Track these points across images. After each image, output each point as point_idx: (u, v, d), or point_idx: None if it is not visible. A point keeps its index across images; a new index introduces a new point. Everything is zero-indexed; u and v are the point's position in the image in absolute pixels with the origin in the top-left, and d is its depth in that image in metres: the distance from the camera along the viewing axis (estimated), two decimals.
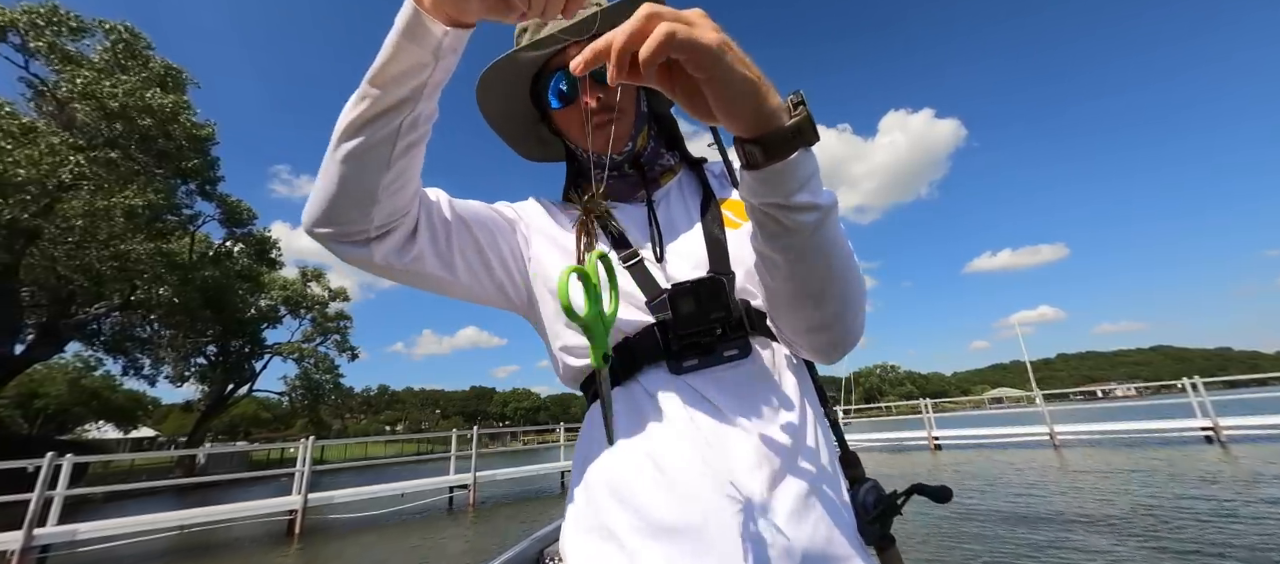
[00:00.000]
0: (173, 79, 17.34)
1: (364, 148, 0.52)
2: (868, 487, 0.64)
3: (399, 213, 0.59)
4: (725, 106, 0.42)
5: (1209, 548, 4.55)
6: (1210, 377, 12.96)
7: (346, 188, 0.54)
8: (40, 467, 7.02)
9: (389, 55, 0.49)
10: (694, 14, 0.40)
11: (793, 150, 0.44)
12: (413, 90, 0.51)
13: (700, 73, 0.40)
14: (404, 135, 0.53)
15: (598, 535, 0.59)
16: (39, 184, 13.65)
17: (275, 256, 25.42)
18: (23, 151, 13.30)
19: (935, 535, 5.64)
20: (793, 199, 0.47)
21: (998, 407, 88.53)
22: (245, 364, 29.20)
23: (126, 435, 47.52)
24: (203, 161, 18.62)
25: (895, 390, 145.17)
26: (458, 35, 0.51)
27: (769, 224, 0.50)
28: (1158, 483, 7.61)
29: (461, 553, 7.24)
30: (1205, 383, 12.58)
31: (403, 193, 0.57)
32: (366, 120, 0.51)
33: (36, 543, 6.75)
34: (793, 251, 0.50)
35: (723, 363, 0.61)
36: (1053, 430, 14.26)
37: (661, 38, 0.37)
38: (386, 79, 0.50)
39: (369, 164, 0.53)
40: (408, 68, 0.50)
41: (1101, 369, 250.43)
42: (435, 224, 0.65)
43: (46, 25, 15.30)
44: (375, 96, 0.51)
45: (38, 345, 18.12)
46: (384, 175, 0.54)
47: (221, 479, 14.08)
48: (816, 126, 0.45)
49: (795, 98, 0.45)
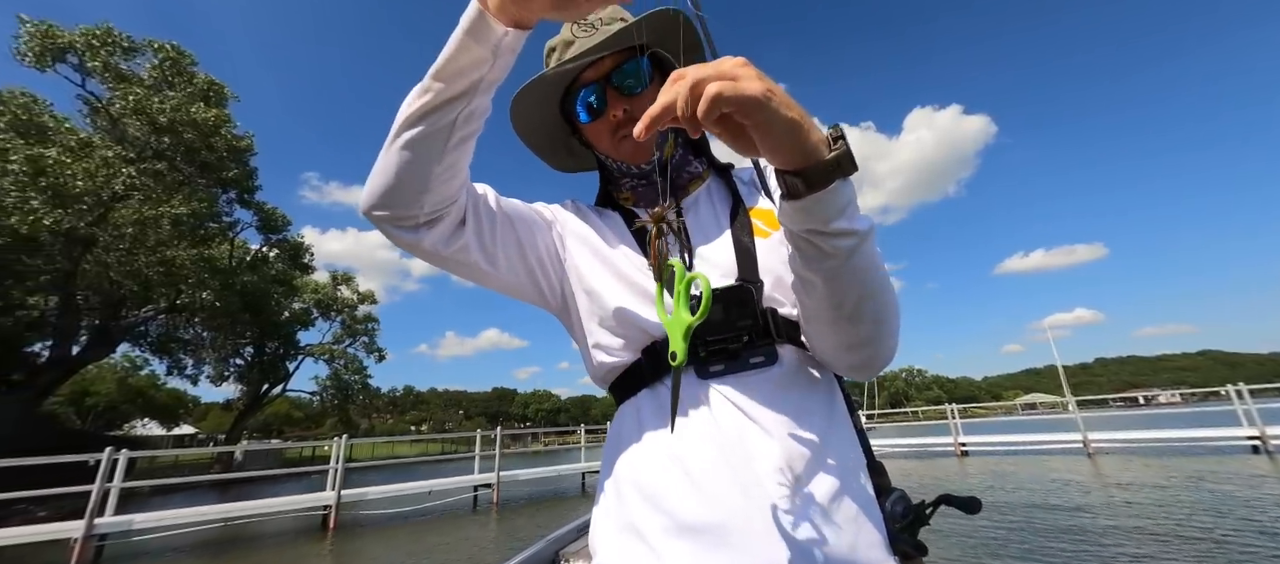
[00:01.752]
0: (215, 94, 18.28)
1: (422, 137, 0.56)
2: (895, 496, 0.64)
3: (447, 202, 0.62)
4: (770, 146, 0.45)
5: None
6: (1263, 383, 12.36)
7: (402, 175, 0.58)
8: (99, 460, 7.52)
9: (452, 51, 0.54)
10: (738, 67, 0.43)
11: (831, 181, 0.47)
12: (471, 85, 0.55)
13: (747, 120, 0.43)
14: (459, 128, 0.57)
15: (627, 533, 0.60)
16: (94, 195, 14.56)
17: (308, 261, 26.40)
18: (80, 164, 14.21)
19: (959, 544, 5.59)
20: (831, 226, 0.49)
21: (1031, 412, 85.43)
22: (279, 365, 30.36)
23: (169, 432, 49.86)
24: (242, 171, 19.54)
25: (922, 395, 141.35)
26: (517, 36, 0.55)
27: (808, 249, 0.51)
28: (1194, 493, 7.34)
29: (487, 551, 7.46)
30: (1252, 390, 12.01)
31: (452, 183, 0.61)
32: (427, 112, 0.55)
33: (96, 531, 7.24)
34: (830, 274, 0.52)
35: (749, 369, 0.62)
36: (1087, 437, 13.79)
37: (712, 98, 0.41)
38: (448, 73, 0.54)
39: (424, 153, 0.57)
40: (468, 64, 0.54)
41: (1143, 374, 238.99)
42: (481, 217, 0.68)
43: (102, 46, 16.33)
44: (437, 90, 0.55)
45: (92, 346, 19.26)
46: (437, 165, 0.58)
47: (258, 475, 14.71)
48: (854, 158, 0.47)
49: (835, 132, 0.47)
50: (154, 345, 23.21)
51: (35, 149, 13.75)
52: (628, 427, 0.68)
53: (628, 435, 0.67)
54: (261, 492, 14.20)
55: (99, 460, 7.59)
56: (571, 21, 0.55)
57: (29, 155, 13.31)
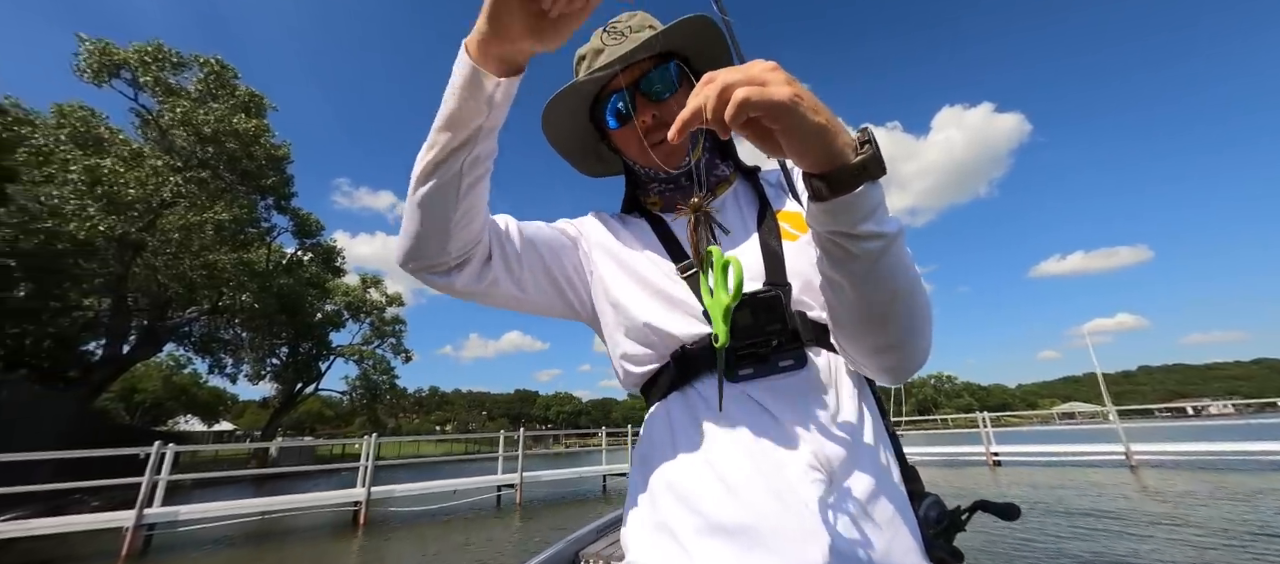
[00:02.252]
0: (255, 105, 19.17)
1: (434, 190, 0.60)
2: (930, 501, 0.64)
3: (471, 243, 0.66)
4: (797, 150, 0.46)
5: None
6: None
7: (424, 227, 0.62)
8: (148, 454, 7.95)
9: (448, 106, 0.57)
10: (766, 72, 0.44)
11: (858, 185, 0.46)
12: (471, 135, 0.58)
13: (775, 125, 0.44)
14: (467, 174, 0.60)
15: (660, 533, 0.61)
16: (145, 202, 15.41)
17: (340, 265, 27.31)
18: (132, 173, 15.07)
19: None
20: (858, 228, 0.48)
21: (1069, 422, 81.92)
22: (313, 365, 31.43)
23: (210, 428, 52.16)
24: (279, 178, 20.41)
25: (952, 402, 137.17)
26: (509, 84, 0.57)
27: (835, 251, 0.51)
28: (1252, 512, 6.94)
29: (511, 549, 7.58)
30: None
31: (472, 226, 0.65)
32: (435, 165, 0.59)
33: (145, 521, 7.64)
34: (857, 276, 0.52)
35: (778, 373, 0.63)
36: (1129, 449, 13.16)
37: (739, 103, 0.41)
38: (449, 126, 0.58)
39: (440, 204, 0.61)
40: (465, 115, 0.57)
41: (1192, 383, 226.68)
42: (506, 251, 0.72)
43: (153, 62, 17.32)
44: (441, 143, 0.58)
45: (141, 346, 20.34)
46: (454, 212, 0.61)
47: (292, 471, 15.31)
48: (883, 161, 0.47)
49: (862, 135, 0.47)
50: (197, 345, 24.38)
51: (92, 159, 14.64)
52: (659, 429, 0.69)
53: (659, 438, 0.68)
54: (295, 487, 14.73)
55: (148, 454, 8.01)
56: (552, 44, 0.54)
57: (86, 165, 14.18)
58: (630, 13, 0.78)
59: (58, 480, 8.07)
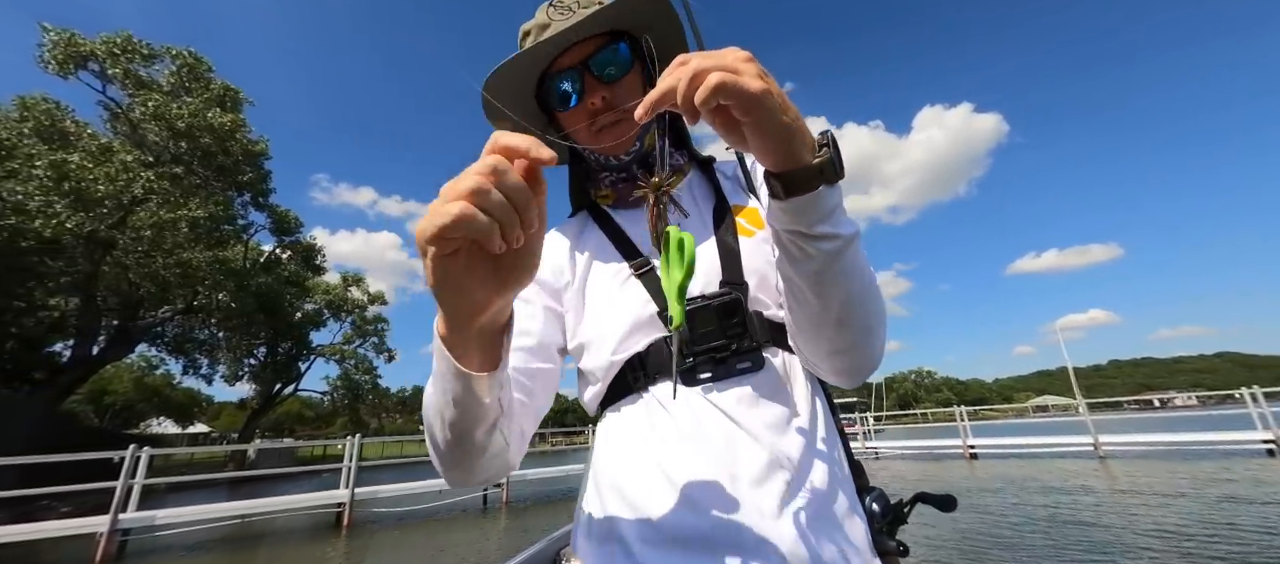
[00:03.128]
0: (231, 99, 18.67)
1: (452, 457, 0.54)
2: (874, 495, 0.65)
3: (509, 468, 0.61)
4: (760, 145, 0.45)
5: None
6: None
7: (458, 479, 0.58)
8: (123, 458, 7.76)
9: (436, 395, 0.50)
10: (741, 62, 0.42)
11: (814, 188, 0.46)
12: (468, 419, 0.50)
13: (745, 118, 0.43)
14: (482, 437, 0.54)
15: (609, 543, 0.60)
16: (115, 199, 14.92)
17: (320, 262, 26.80)
18: (102, 169, 14.58)
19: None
20: (814, 228, 0.48)
21: (1042, 415, 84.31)
22: (292, 365, 30.81)
23: (184, 430, 50.75)
24: (257, 174, 19.92)
25: (931, 397, 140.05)
26: (492, 379, 0.48)
27: (792, 249, 0.51)
28: (1205, 499, 7.30)
29: (497, 548, 7.60)
30: (1267, 392, 11.86)
31: (504, 455, 0.58)
32: (444, 442, 0.53)
33: (120, 526, 7.46)
34: (813, 277, 0.52)
35: (735, 375, 0.62)
36: (1097, 440, 13.68)
37: (713, 88, 0.40)
38: (439, 411, 0.51)
39: (466, 466, 0.55)
40: (457, 406, 0.49)
41: (1159, 376, 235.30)
42: (523, 410, 0.65)
43: (122, 53, 16.74)
44: (440, 423, 0.52)
45: (112, 346, 19.71)
46: (480, 460, 0.55)
47: (272, 473, 15.00)
48: (841, 166, 0.47)
49: (822, 138, 0.47)
50: (170, 345, 23.71)
51: (58, 154, 14.12)
52: (612, 433, 0.67)
53: (612, 442, 0.66)
54: (275, 489, 14.46)
55: (122, 457, 7.83)
56: (522, 288, 0.45)
57: (52, 160, 13.67)
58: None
59: (24, 486, 7.80)
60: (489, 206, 0.34)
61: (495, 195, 0.34)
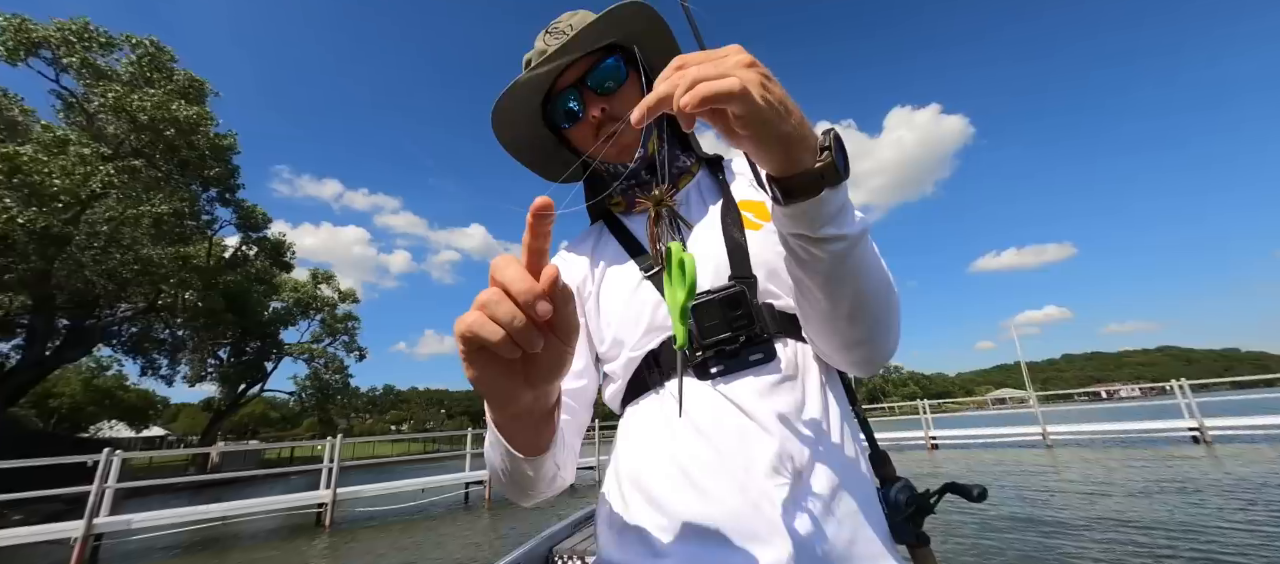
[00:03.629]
0: (195, 91, 17.99)
1: (512, 487, 0.61)
2: (899, 485, 0.64)
3: (563, 486, 0.66)
4: (759, 151, 0.44)
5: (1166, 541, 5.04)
6: (1217, 377, 13.36)
7: (523, 500, 0.64)
8: (97, 461, 7.60)
9: (495, 458, 0.56)
10: (740, 66, 0.40)
11: (817, 192, 0.45)
12: (526, 474, 0.56)
13: (744, 131, 0.42)
14: (534, 490, 0.61)
15: (628, 534, 0.62)
16: (72, 193, 14.27)
17: (289, 259, 26.06)
18: (57, 162, 13.92)
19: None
20: (819, 232, 0.47)
21: (1001, 407, 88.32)
22: (260, 364, 29.86)
23: (138, 434, 48.36)
24: (224, 169, 19.26)
25: (898, 391, 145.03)
26: (537, 461, 0.54)
27: (799, 252, 0.51)
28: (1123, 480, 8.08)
29: (481, 545, 7.76)
30: (1193, 384, 13.03)
31: (560, 476, 0.63)
32: (506, 478, 0.59)
33: (94, 531, 7.33)
34: (822, 277, 0.51)
35: (748, 367, 0.62)
36: (1045, 430, 14.71)
37: (705, 96, 0.38)
38: (498, 465, 0.57)
39: (525, 490, 0.62)
40: (512, 469, 0.56)
41: (1107, 370, 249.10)
42: (574, 430, 0.73)
43: (77, 41, 15.96)
44: (501, 471, 0.58)
45: (67, 347, 18.78)
46: (536, 487, 0.61)
47: (241, 476, 14.65)
48: (843, 167, 0.45)
49: (824, 140, 0.45)
50: (127, 346, 22.70)
51: (9, 146, 13.42)
52: (632, 429, 0.70)
53: (631, 437, 0.69)
54: (243, 493, 14.14)
55: (96, 461, 7.66)
56: (556, 382, 0.44)
57: (3, 152, 13.00)
58: (572, 12, 0.77)
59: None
60: (498, 319, 0.34)
61: (503, 310, 0.34)
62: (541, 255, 0.36)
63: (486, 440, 0.57)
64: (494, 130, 0.78)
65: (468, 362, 0.37)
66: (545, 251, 0.36)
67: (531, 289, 0.34)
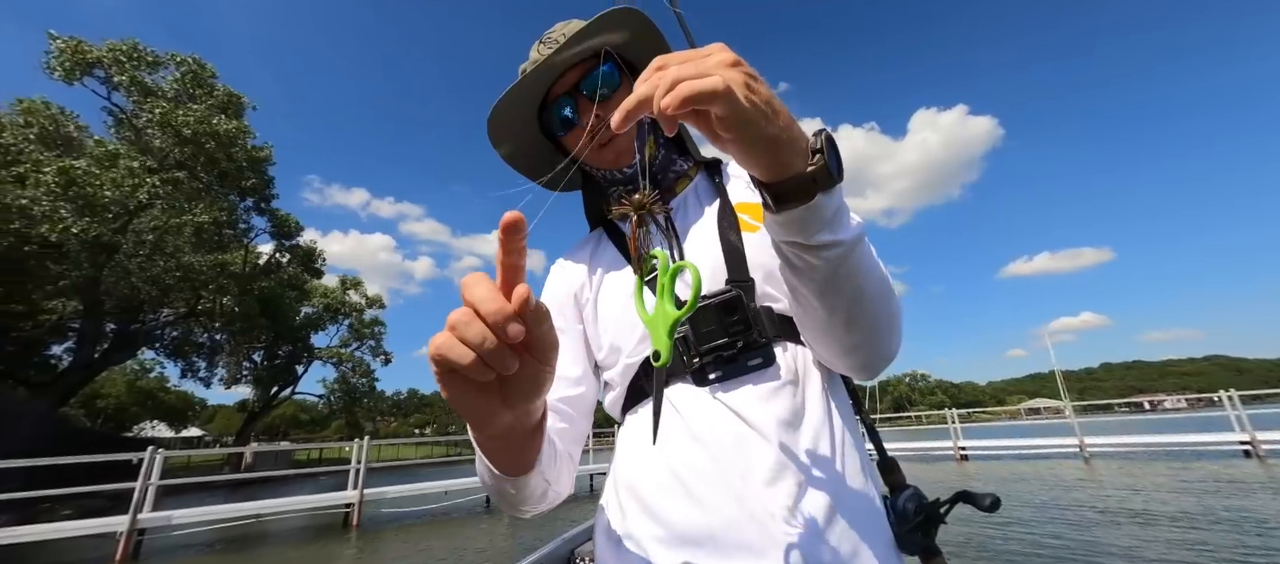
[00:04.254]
0: (234, 105, 18.86)
1: (504, 508, 0.61)
2: (908, 493, 0.63)
3: (558, 499, 0.65)
4: (742, 155, 0.42)
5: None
6: (1271, 388, 12.64)
7: (515, 512, 0.63)
8: (142, 459, 7.98)
9: (483, 477, 0.56)
10: (723, 66, 0.38)
11: (810, 197, 0.43)
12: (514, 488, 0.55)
13: (727, 133, 0.40)
14: (523, 505, 0.59)
15: (625, 543, 0.61)
16: (121, 204, 15.10)
17: (319, 266, 26.95)
18: (108, 175, 14.75)
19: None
20: (813, 239, 0.46)
21: (1034, 417, 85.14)
22: (291, 368, 30.89)
23: (178, 434, 50.48)
24: (260, 180, 20.10)
25: (926, 400, 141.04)
26: (523, 481, 0.54)
27: (793, 260, 0.49)
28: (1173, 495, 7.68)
29: (502, 547, 7.84)
30: (1244, 396, 12.33)
31: (547, 497, 0.62)
32: (496, 493, 0.58)
33: (138, 526, 7.68)
34: (818, 284, 0.49)
35: (747, 373, 0.61)
36: (1083, 442, 14.09)
37: (684, 98, 0.37)
38: (485, 476, 0.56)
39: (516, 513, 0.61)
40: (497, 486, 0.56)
41: (1149, 379, 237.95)
42: (572, 438, 0.72)
43: (128, 61, 16.94)
44: (492, 487, 0.57)
45: (114, 350, 19.79)
46: (525, 510, 0.61)
47: (274, 475, 15.15)
48: (836, 169, 0.43)
49: (816, 142, 0.43)
50: (169, 349, 23.79)
51: (65, 161, 14.30)
52: (630, 437, 0.69)
53: (629, 446, 0.68)
54: (275, 492, 14.63)
55: (141, 459, 8.04)
56: (537, 401, 0.41)
57: (61, 166, 13.84)
58: (565, 22, 0.77)
59: (28, 488, 7.88)
60: (467, 341, 0.33)
61: (472, 332, 0.33)
62: (516, 271, 0.34)
63: (476, 458, 0.55)
64: (490, 139, 0.78)
65: (441, 383, 0.36)
66: (520, 267, 0.34)
67: (502, 310, 0.32)
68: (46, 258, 15.28)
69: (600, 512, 0.70)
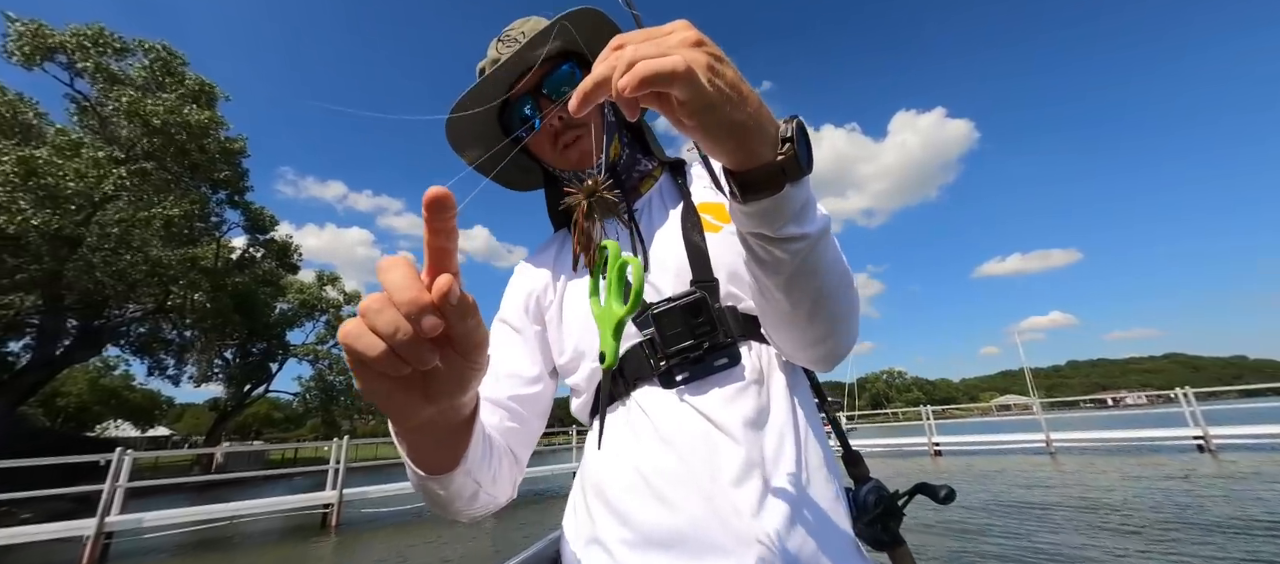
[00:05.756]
0: (206, 95, 18.24)
1: (437, 511, 0.57)
2: (870, 487, 0.64)
3: (496, 504, 0.63)
4: (707, 141, 0.39)
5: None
6: (1224, 385, 13.29)
7: (452, 516, 0.59)
8: (109, 460, 7.73)
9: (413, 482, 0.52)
10: (684, 45, 0.36)
11: (778, 188, 0.41)
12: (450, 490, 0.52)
13: (689, 119, 0.38)
14: (453, 508, 0.56)
15: (593, 547, 0.61)
16: (85, 195, 14.50)
17: (296, 260, 26.28)
18: (71, 165, 14.16)
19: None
20: (779, 231, 0.44)
21: (1005, 413, 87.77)
22: (265, 365, 30.09)
23: (144, 433, 48.72)
24: (234, 172, 19.51)
25: (902, 396, 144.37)
26: (447, 478, 0.50)
27: (759, 252, 0.48)
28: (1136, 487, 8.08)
29: (484, 547, 7.83)
30: (1198, 393, 12.98)
31: (482, 500, 0.59)
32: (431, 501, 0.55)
33: (106, 529, 7.45)
34: (782, 277, 0.49)
35: (713, 373, 0.61)
36: (1049, 437, 14.68)
37: (644, 77, 0.34)
38: (418, 488, 0.52)
39: (449, 515, 0.58)
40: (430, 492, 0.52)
41: (1113, 377, 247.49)
42: (521, 439, 0.71)
43: (92, 46, 16.23)
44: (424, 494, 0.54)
45: (77, 347, 19.01)
46: (458, 511, 0.58)
47: (246, 476, 14.76)
48: (806, 160, 0.41)
49: (786, 130, 0.40)
50: (135, 346, 22.94)
51: (25, 150, 13.67)
52: (596, 442, 0.69)
53: (595, 450, 0.67)
54: (248, 493, 14.29)
55: (108, 460, 7.79)
56: (461, 398, 0.39)
57: (21, 156, 13.24)
58: (524, 19, 0.76)
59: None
60: (378, 330, 0.30)
61: (383, 321, 0.30)
62: (444, 256, 0.31)
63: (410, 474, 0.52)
64: (449, 141, 0.75)
65: (355, 373, 0.33)
66: (448, 251, 0.31)
67: (416, 300, 0.29)
68: (3, 250, 14.59)
69: (568, 515, 0.70)
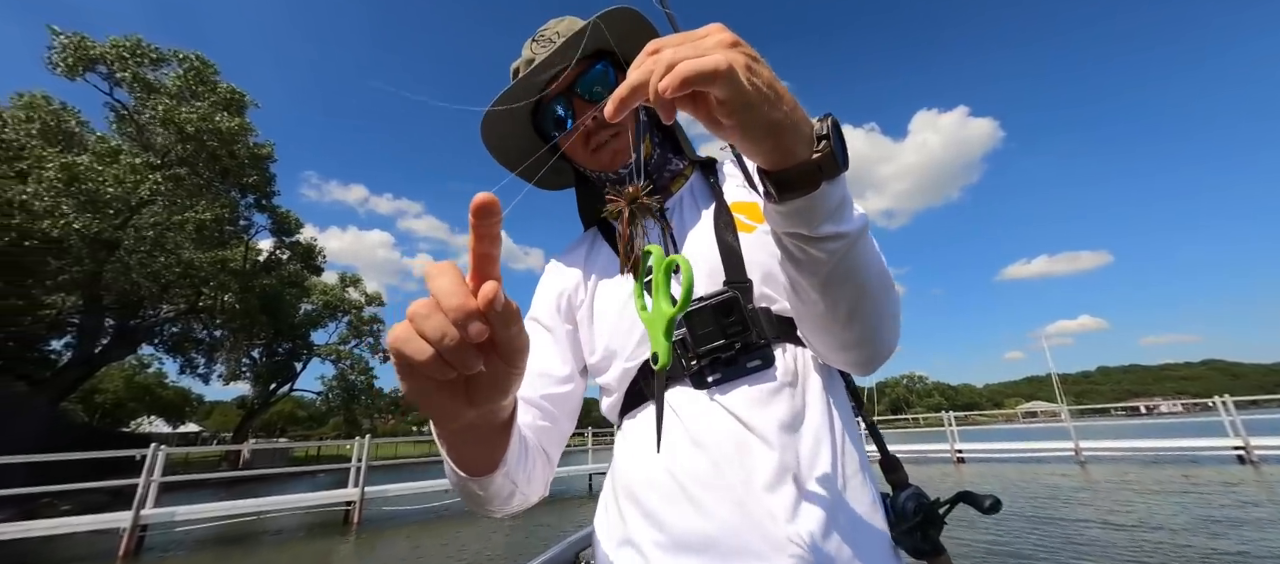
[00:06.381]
0: (236, 103, 18.89)
1: (472, 508, 0.58)
2: (909, 493, 0.62)
3: (528, 502, 0.63)
4: (744, 141, 0.40)
5: None
6: (1267, 394, 12.69)
7: (487, 514, 0.60)
8: (145, 455, 8.02)
9: (454, 482, 0.53)
10: (723, 48, 0.36)
11: (814, 186, 0.42)
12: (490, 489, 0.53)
13: (728, 119, 0.38)
14: (489, 506, 0.56)
15: (625, 548, 0.61)
16: (123, 200, 15.13)
17: (319, 263, 26.97)
18: (110, 171, 14.79)
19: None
20: (816, 230, 0.44)
21: (1031, 420, 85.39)
22: (290, 364, 30.91)
23: (175, 430, 50.42)
24: (261, 177, 20.14)
25: (923, 402, 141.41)
26: (487, 481, 0.51)
27: (795, 253, 0.48)
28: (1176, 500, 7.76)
29: (500, 546, 7.89)
30: (1238, 401, 12.41)
31: (516, 499, 0.59)
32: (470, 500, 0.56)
33: (141, 521, 7.73)
34: (819, 278, 0.48)
35: (746, 374, 0.61)
36: (1078, 446, 14.19)
37: (682, 79, 0.34)
38: (458, 488, 0.54)
39: (484, 513, 0.59)
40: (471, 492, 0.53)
41: (1146, 384, 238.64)
42: (552, 438, 0.71)
43: (130, 57, 16.96)
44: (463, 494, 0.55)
45: (114, 346, 19.81)
46: (493, 510, 0.58)
47: (272, 473, 15.16)
48: (842, 157, 0.41)
49: (821, 128, 0.41)
50: (168, 345, 23.81)
51: (68, 157, 14.33)
52: (628, 441, 0.69)
53: (628, 450, 0.67)
54: (274, 489, 14.67)
55: (144, 455, 8.09)
56: (500, 401, 0.38)
57: (64, 162, 13.88)
58: (558, 19, 0.76)
59: (30, 484, 7.81)
60: (426, 335, 0.31)
61: (432, 326, 0.30)
62: (489, 262, 0.31)
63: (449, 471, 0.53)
64: (484, 142, 0.76)
65: (401, 376, 0.34)
66: (493, 258, 0.31)
67: (464, 306, 0.30)
68: (47, 253, 15.30)
69: (599, 516, 0.70)
